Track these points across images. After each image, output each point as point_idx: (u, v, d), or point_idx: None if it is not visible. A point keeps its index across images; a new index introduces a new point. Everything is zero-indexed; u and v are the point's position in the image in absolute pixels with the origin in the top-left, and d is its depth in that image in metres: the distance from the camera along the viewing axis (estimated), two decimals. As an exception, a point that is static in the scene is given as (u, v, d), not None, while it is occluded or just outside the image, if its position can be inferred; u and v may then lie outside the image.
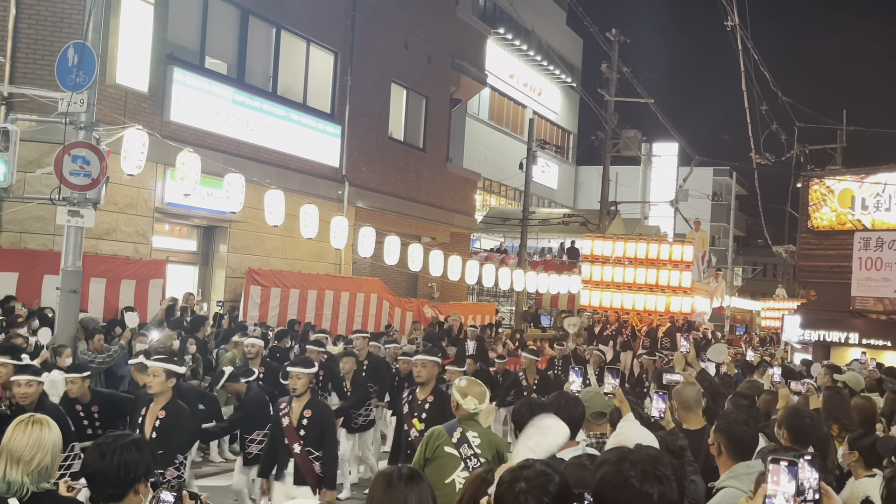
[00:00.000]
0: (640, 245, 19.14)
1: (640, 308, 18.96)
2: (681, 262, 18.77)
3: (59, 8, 13.66)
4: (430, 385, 7.59)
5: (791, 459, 2.84)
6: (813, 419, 5.54)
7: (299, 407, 7.22)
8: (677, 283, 18.66)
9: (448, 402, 6.96)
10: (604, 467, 2.81)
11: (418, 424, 7.30)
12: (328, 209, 17.08)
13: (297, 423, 7.18)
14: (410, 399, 7.58)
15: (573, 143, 48.32)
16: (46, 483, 3.81)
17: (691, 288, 18.87)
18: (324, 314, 17.73)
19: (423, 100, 23.47)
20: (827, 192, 23.50)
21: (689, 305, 18.84)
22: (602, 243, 19.58)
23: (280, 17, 18.02)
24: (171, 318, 13.03)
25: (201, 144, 14.94)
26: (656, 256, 18.82)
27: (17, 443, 3.76)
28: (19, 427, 3.82)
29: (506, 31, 36.65)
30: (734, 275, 54.48)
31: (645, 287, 18.85)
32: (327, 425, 7.30)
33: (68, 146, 9.87)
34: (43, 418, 3.94)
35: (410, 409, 7.49)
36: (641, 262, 18.92)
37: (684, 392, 6.24)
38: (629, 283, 19.02)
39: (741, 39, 20.27)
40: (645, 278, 18.81)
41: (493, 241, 34.64)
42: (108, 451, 3.49)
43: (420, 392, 7.57)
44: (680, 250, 18.93)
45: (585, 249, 20.04)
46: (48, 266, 12.21)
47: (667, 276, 18.68)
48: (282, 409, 7.31)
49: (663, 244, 19.32)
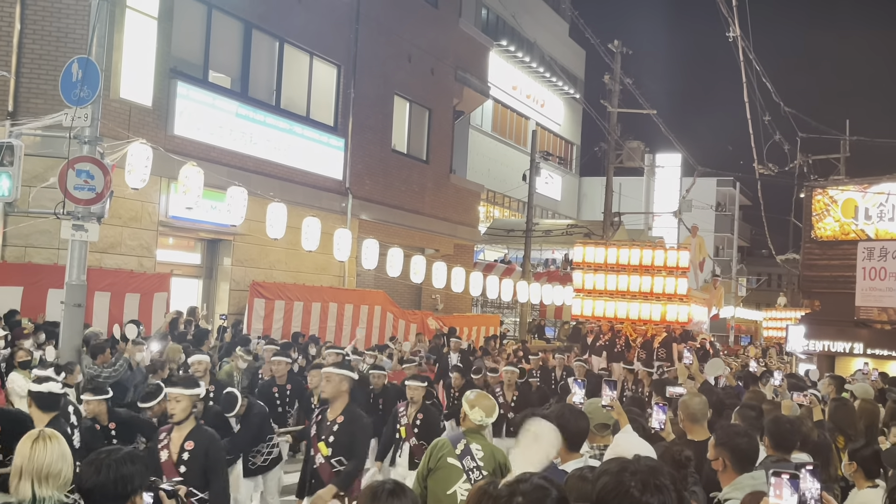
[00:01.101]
0: (634, 251, 18.25)
1: (634, 317, 18.11)
2: (676, 269, 17.87)
3: (63, 23, 13.74)
4: (341, 403, 6.57)
5: (793, 473, 2.86)
6: (792, 424, 5.57)
7: (179, 437, 6.01)
8: (673, 290, 17.74)
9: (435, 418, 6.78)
10: (604, 477, 2.83)
11: (324, 449, 6.47)
12: (332, 222, 17.12)
13: (178, 457, 5.94)
14: (319, 419, 6.65)
15: (576, 154, 48.35)
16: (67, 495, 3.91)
17: (687, 295, 18.02)
18: (327, 327, 17.75)
19: (426, 112, 23.54)
20: (830, 202, 23.52)
21: (685, 314, 17.90)
22: (594, 250, 18.60)
23: (283, 30, 18.10)
24: (175, 332, 13.06)
25: (205, 158, 14.99)
26: (651, 263, 17.93)
27: (41, 459, 3.82)
28: (38, 444, 3.88)
29: (508, 44, 36.74)
30: (738, 285, 54.45)
31: (639, 295, 17.95)
32: (213, 461, 5.99)
33: (72, 161, 9.92)
34: (52, 432, 4.01)
35: (318, 432, 6.57)
36: (635, 269, 18.01)
37: (691, 403, 6.26)
38: (622, 291, 18.08)
39: (743, 50, 20.30)
40: (639, 286, 17.91)
41: (497, 252, 34.65)
42: (103, 465, 3.50)
43: (330, 412, 6.59)
44: (675, 256, 18.01)
45: (577, 257, 18.96)
46: (53, 280, 12.24)
47: (662, 283, 17.77)
48: (160, 441, 6.10)
49: (658, 250, 18.41)
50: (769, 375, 12.99)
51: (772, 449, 5.38)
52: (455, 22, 24.92)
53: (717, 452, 4.62)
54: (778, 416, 5.89)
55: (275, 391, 10.28)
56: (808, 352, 22.24)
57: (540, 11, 41.39)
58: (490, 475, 5.52)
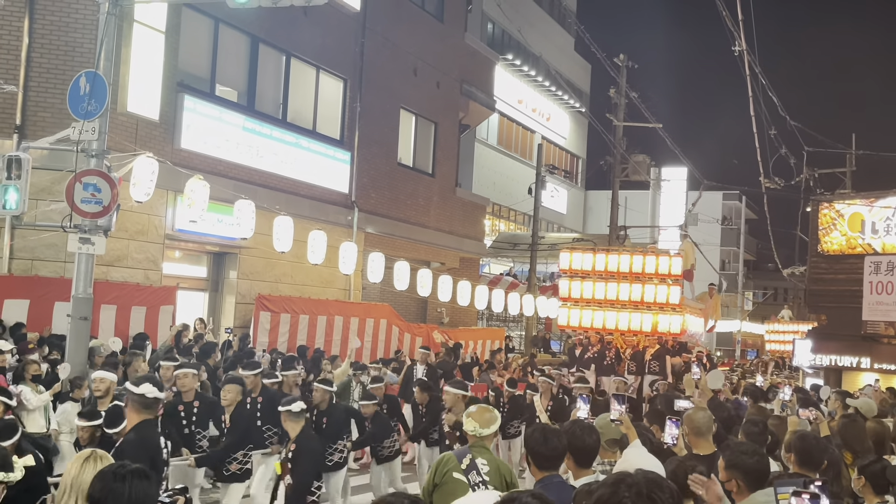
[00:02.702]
0: (624, 257, 17.00)
1: (623, 328, 16.90)
2: (669, 276, 16.61)
3: (71, 38, 13.81)
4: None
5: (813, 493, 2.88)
6: (819, 442, 5.56)
7: None
8: (664, 299, 16.54)
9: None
10: (601, 489, 2.84)
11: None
12: (338, 235, 17.14)
13: None
14: None
15: (582, 167, 48.38)
16: None
17: (681, 305, 16.95)
18: (333, 340, 17.74)
19: (431, 126, 23.58)
20: (837, 216, 23.51)
21: (678, 325, 16.72)
22: (581, 256, 17.43)
23: (289, 44, 18.17)
24: (181, 345, 13.06)
25: (212, 171, 15.03)
26: (641, 270, 16.69)
27: (89, 479, 3.88)
28: (88, 462, 3.99)
29: (514, 57, 36.82)
30: (745, 299, 54.33)
31: (629, 304, 16.74)
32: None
33: (80, 174, 9.96)
34: (104, 454, 4.13)
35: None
36: (625, 277, 16.80)
37: (696, 417, 6.24)
38: (611, 301, 16.88)
39: (749, 65, 20.32)
40: (629, 294, 16.69)
41: (503, 265, 34.63)
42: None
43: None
44: (668, 263, 16.76)
45: (563, 263, 17.73)
46: (59, 293, 12.26)
47: (653, 291, 16.58)
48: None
49: (648, 256, 17.20)
50: (775, 390, 12.95)
51: (797, 466, 5.37)
52: (461, 36, 24.99)
53: (730, 474, 4.58)
54: (804, 433, 5.90)
55: (181, 409, 8.85)
56: (815, 366, 22.18)
57: (545, 25, 41.49)
58: (496, 489, 5.51)
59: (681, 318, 16.85)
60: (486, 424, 5.91)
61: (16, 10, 13.70)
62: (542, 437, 4.94)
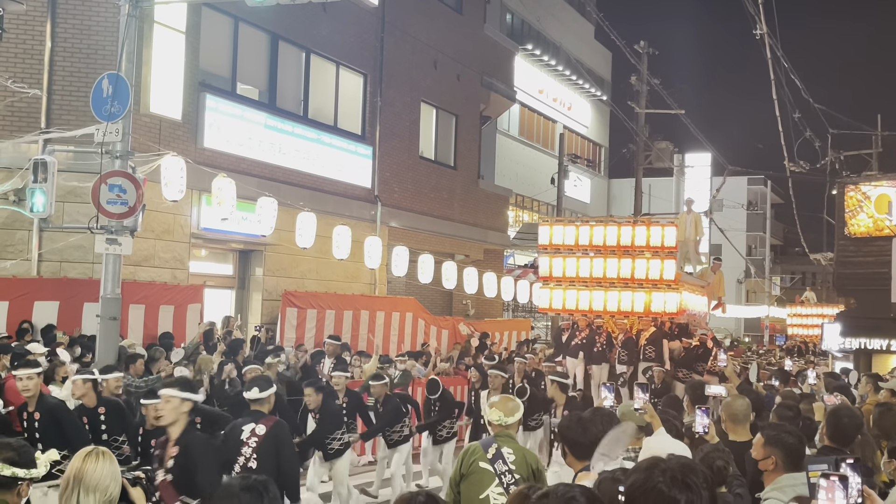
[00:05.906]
0: (611, 229, 15.00)
1: (612, 309, 14.96)
2: (662, 249, 14.64)
3: (93, 40, 13.94)
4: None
5: (842, 475, 2.88)
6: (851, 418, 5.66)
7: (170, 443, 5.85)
8: (658, 274, 14.60)
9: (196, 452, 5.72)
10: (635, 474, 2.85)
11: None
12: (362, 230, 17.20)
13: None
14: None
15: (605, 156, 48.17)
16: None
17: (676, 281, 14.78)
18: (360, 334, 17.81)
19: (452, 118, 23.59)
20: (863, 198, 23.24)
21: (675, 303, 14.69)
22: (563, 229, 15.36)
23: (309, 41, 18.23)
24: (210, 343, 13.17)
25: (235, 169, 15.12)
26: (631, 242, 14.75)
27: (92, 474, 4.00)
28: (90, 458, 4.07)
29: (534, 47, 36.70)
30: (773, 284, 53.98)
31: (618, 282, 14.80)
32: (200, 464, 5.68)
33: (105, 175, 10.06)
34: (107, 451, 4.19)
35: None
36: (613, 251, 14.86)
37: (734, 405, 6.43)
38: (598, 279, 14.92)
39: (770, 48, 20.15)
40: (617, 270, 14.77)
41: (527, 256, 34.60)
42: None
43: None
44: (660, 233, 14.78)
45: (543, 238, 15.50)
46: (88, 294, 12.38)
47: (645, 266, 14.67)
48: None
49: (638, 226, 15.10)
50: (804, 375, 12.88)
51: (829, 440, 5.50)
52: (480, 27, 24.96)
53: (769, 451, 4.62)
54: (838, 409, 6.08)
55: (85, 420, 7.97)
56: (844, 350, 22.01)
57: (565, 14, 41.32)
58: (522, 479, 5.54)
59: (678, 296, 14.84)
60: (510, 413, 5.93)
61: (38, 14, 13.83)
62: (579, 426, 4.95)
